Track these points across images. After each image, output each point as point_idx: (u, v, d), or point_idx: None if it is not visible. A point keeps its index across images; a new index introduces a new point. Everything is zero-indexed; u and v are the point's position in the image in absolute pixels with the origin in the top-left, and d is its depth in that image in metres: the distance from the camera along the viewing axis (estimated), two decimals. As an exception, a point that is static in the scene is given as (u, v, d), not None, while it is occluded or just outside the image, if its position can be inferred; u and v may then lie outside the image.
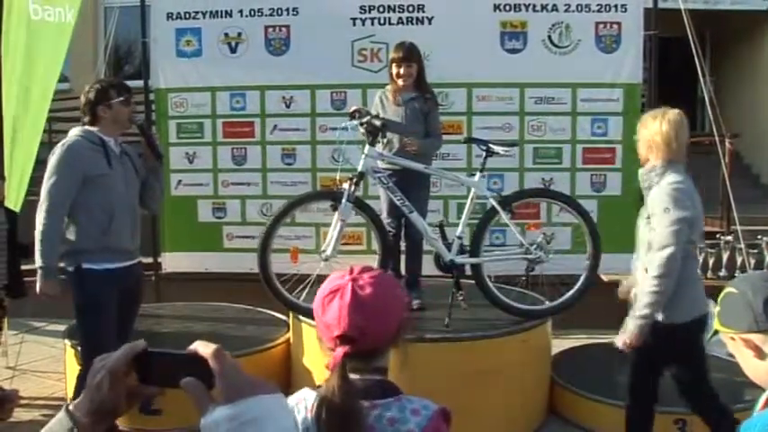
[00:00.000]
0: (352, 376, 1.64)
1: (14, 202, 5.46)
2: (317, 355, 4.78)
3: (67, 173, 4.03)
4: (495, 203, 4.80)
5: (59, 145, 4.12)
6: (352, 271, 1.71)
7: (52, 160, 4.07)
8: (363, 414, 1.61)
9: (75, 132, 4.16)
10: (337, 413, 1.58)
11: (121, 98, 4.19)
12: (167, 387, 1.14)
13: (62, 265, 4.10)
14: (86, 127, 4.18)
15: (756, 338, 1.60)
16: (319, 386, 1.72)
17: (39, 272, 4.03)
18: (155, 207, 4.76)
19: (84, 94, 4.20)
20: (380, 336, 1.68)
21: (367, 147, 4.74)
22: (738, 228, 6.04)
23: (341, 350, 1.63)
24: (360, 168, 4.71)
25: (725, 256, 7.19)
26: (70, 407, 1.12)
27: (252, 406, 1.03)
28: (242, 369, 1.08)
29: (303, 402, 1.71)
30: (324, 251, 4.72)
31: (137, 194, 4.34)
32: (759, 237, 7.32)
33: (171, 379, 1.11)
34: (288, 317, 5.42)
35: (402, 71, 4.92)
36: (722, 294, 1.65)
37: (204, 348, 1.08)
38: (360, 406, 1.61)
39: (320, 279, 4.68)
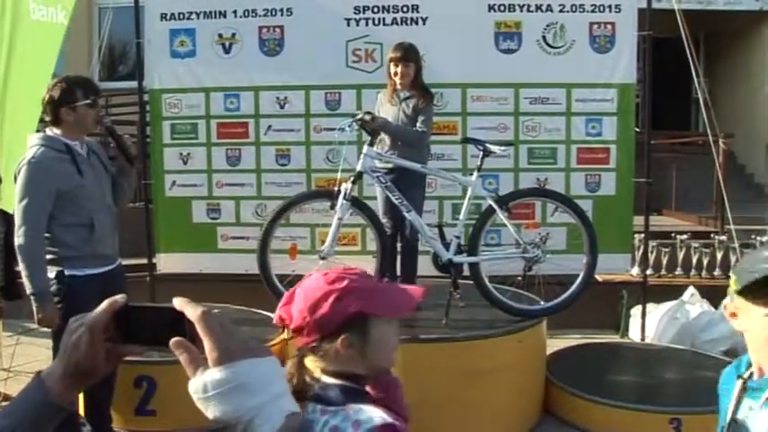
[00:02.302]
0: (325, 379, 1.66)
1: (5, 203, 5.44)
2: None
3: (38, 191, 3.76)
4: (492, 203, 4.82)
5: (25, 161, 3.81)
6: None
7: (20, 180, 3.79)
8: (315, 419, 1.60)
9: (37, 142, 3.87)
10: None
11: (87, 100, 3.88)
12: (150, 345, 1.10)
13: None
14: (48, 132, 3.90)
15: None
16: None
17: (32, 299, 3.78)
18: (122, 205, 4.37)
19: (48, 91, 3.88)
20: (308, 320, 1.67)
21: (366, 146, 4.80)
22: (732, 227, 6.06)
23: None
24: (358, 168, 4.76)
25: (719, 256, 7.23)
26: (42, 373, 1.08)
27: (243, 370, 0.98)
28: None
29: None
30: (321, 250, 4.77)
31: (110, 192, 4.12)
32: (753, 236, 7.35)
33: (154, 337, 1.07)
34: (283, 317, 5.41)
35: (400, 70, 4.94)
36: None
37: (191, 311, 1.03)
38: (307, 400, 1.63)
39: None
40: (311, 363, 1.68)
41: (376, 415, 1.61)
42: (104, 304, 1.08)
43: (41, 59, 5.84)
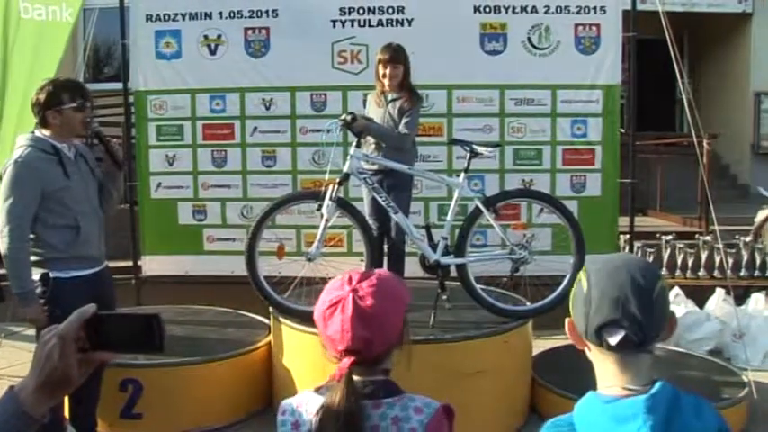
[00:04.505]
0: (357, 378, 1.66)
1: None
2: (298, 357, 4.78)
3: (24, 191, 3.72)
4: (479, 204, 4.83)
5: (11, 161, 3.77)
6: (351, 280, 1.69)
7: (5, 179, 3.75)
8: (366, 420, 1.63)
9: (25, 142, 3.83)
10: (342, 421, 1.60)
11: (74, 104, 3.82)
12: (122, 351, 1.12)
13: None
14: (36, 133, 3.86)
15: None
16: (319, 388, 1.72)
17: (17, 299, 3.77)
18: (110, 210, 4.29)
19: (36, 93, 3.86)
20: (385, 343, 1.69)
21: (352, 148, 4.79)
22: (716, 228, 6.09)
23: (347, 361, 1.63)
24: (345, 170, 4.75)
25: (703, 256, 7.27)
26: (15, 387, 1.09)
27: None
28: None
29: (305, 405, 1.71)
30: (308, 252, 4.76)
31: (96, 195, 4.07)
32: (737, 236, 7.40)
33: (126, 343, 1.10)
34: (269, 319, 5.40)
35: (388, 72, 4.93)
36: (577, 280, 1.55)
37: None
38: (364, 413, 1.62)
39: (305, 281, 4.74)
40: (356, 369, 1.67)
41: (429, 399, 1.71)
42: (74, 315, 1.10)
43: (41, 58, 5.83)
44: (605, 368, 1.52)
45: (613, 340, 1.46)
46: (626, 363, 1.50)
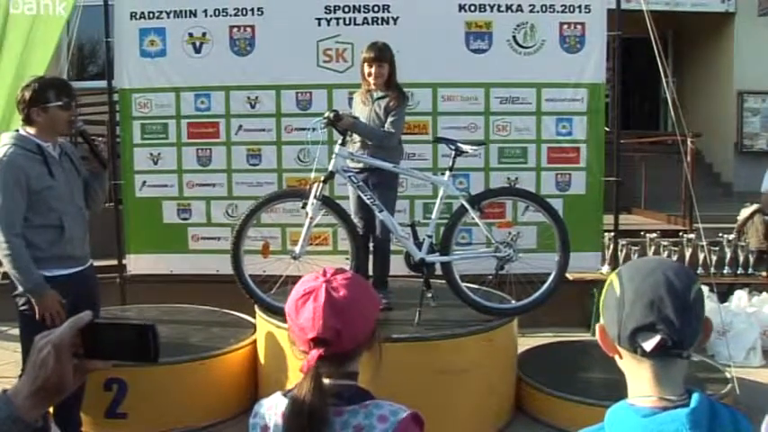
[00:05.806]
0: (325, 380, 1.62)
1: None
2: (283, 356, 4.77)
3: (13, 190, 3.70)
4: (464, 203, 4.84)
5: None
6: (325, 273, 1.70)
7: None
8: (330, 419, 1.59)
9: (9, 141, 3.80)
10: (306, 417, 1.56)
11: (60, 102, 3.79)
12: (115, 360, 1.12)
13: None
14: (21, 132, 3.84)
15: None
16: (289, 390, 1.70)
17: (30, 296, 3.73)
18: (95, 209, 4.27)
19: (21, 91, 3.81)
20: (355, 338, 1.66)
21: (337, 146, 4.79)
22: (700, 225, 6.13)
23: (315, 353, 1.61)
24: (330, 168, 4.76)
25: (687, 254, 7.31)
26: (9, 391, 1.08)
27: None
28: None
29: (274, 408, 1.69)
30: (293, 251, 4.76)
31: (81, 194, 4.05)
32: (720, 234, 7.45)
33: (118, 352, 1.10)
34: (254, 318, 5.39)
35: (373, 71, 4.93)
36: (608, 283, 1.49)
37: None
38: (329, 409, 1.59)
39: (290, 279, 4.73)
40: (323, 369, 1.65)
41: (397, 407, 1.65)
42: (69, 322, 1.09)
43: (31, 54, 5.79)
44: (639, 376, 1.45)
45: (648, 345, 1.39)
46: (661, 370, 1.42)
